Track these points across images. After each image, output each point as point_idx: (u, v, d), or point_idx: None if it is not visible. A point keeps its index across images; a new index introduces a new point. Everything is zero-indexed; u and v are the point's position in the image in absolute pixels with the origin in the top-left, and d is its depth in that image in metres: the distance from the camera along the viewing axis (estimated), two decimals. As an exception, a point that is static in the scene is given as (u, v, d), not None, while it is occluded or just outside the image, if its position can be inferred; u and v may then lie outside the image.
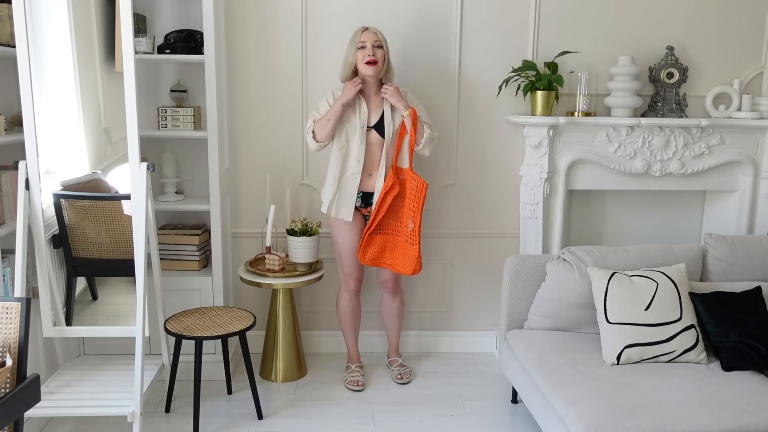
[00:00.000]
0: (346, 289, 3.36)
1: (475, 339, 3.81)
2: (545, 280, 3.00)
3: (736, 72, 3.59)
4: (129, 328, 2.79)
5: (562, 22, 3.49)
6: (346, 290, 3.36)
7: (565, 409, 2.37)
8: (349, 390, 3.33)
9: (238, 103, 3.53)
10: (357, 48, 3.05)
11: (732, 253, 3.04)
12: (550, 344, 2.84)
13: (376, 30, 3.09)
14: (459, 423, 3.03)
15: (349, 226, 3.22)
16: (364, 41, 3.04)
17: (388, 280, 3.35)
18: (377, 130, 3.13)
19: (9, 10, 2.61)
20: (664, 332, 2.68)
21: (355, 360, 3.48)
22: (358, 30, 3.09)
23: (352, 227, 3.23)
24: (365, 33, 3.06)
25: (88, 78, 2.97)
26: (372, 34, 3.06)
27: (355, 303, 3.40)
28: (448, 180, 3.62)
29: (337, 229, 3.26)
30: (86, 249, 2.86)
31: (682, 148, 3.47)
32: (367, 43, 3.04)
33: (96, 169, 2.98)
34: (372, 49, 3.03)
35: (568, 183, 3.50)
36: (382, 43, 3.07)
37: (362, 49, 3.04)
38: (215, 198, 3.24)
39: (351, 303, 3.38)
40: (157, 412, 3.07)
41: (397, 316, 3.46)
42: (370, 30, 3.08)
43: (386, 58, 3.10)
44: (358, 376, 3.38)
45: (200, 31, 3.15)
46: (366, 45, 3.04)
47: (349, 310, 3.39)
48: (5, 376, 1.81)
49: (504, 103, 3.55)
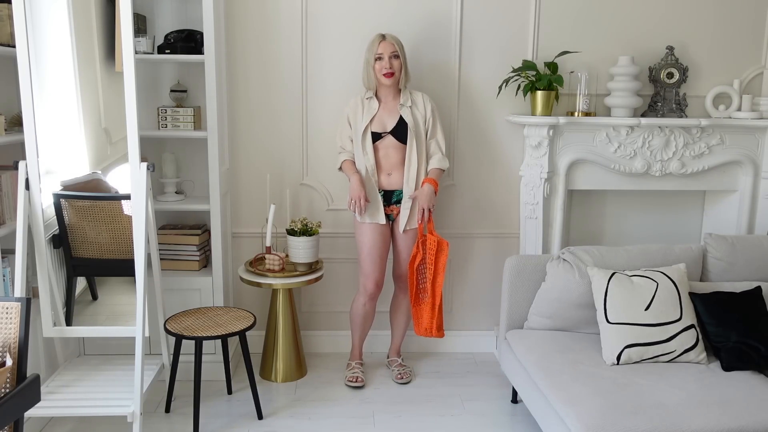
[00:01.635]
0: (364, 293, 3.32)
1: (475, 339, 3.81)
2: (545, 280, 3.00)
3: (736, 72, 3.59)
4: (129, 328, 2.79)
5: (562, 22, 3.50)
6: (364, 293, 3.32)
7: (565, 409, 2.37)
8: (349, 387, 3.34)
9: (238, 103, 3.53)
10: (375, 59, 3.11)
11: (732, 253, 3.04)
12: (550, 344, 2.84)
13: (392, 40, 3.12)
14: (459, 423, 3.03)
15: (375, 228, 3.23)
16: (381, 53, 3.10)
17: (401, 275, 3.37)
18: (394, 134, 3.16)
19: (9, 10, 2.61)
20: (664, 332, 2.68)
21: (357, 357, 3.50)
22: (376, 39, 3.13)
23: (377, 229, 3.23)
24: (382, 44, 3.11)
25: (88, 78, 2.97)
26: (389, 45, 3.11)
27: (370, 308, 3.37)
28: (448, 180, 3.62)
29: (362, 231, 3.25)
30: (86, 249, 2.86)
31: (682, 148, 3.48)
32: (384, 55, 3.09)
33: (96, 169, 2.98)
34: (389, 61, 3.10)
35: (568, 183, 3.50)
36: (399, 53, 3.12)
37: (380, 60, 3.10)
38: (215, 198, 3.24)
39: (365, 307, 3.35)
40: (157, 412, 3.07)
41: (405, 312, 3.46)
42: (387, 40, 3.12)
43: (403, 66, 3.15)
44: (358, 372, 3.40)
45: (200, 31, 3.15)
46: (383, 57, 3.09)
47: (363, 313, 3.37)
48: (5, 376, 1.81)
49: (504, 103, 3.55)
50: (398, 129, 3.17)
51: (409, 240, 3.28)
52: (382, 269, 3.30)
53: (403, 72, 3.16)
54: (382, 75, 3.11)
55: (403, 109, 3.17)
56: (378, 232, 3.23)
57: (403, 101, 3.19)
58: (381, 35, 3.13)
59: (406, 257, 3.30)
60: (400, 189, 3.22)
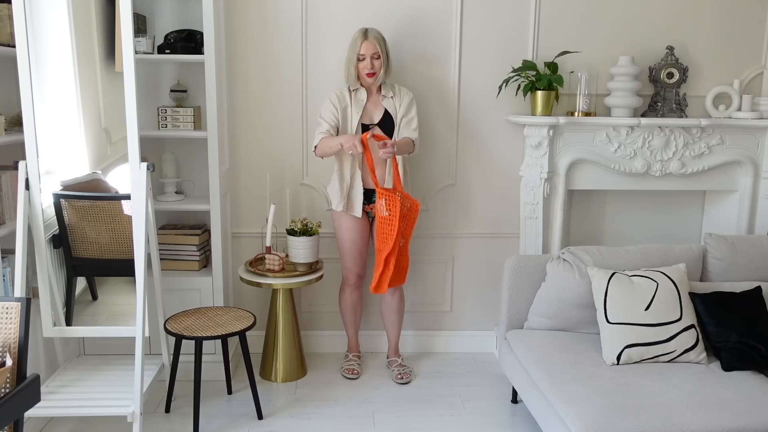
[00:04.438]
0: (347, 284, 3.44)
1: (475, 339, 3.81)
2: (545, 280, 3.00)
3: (736, 72, 3.59)
4: (129, 328, 2.79)
5: (562, 22, 3.49)
6: (347, 284, 3.44)
7: (565, 409, 2.37)
8: (345, 378, 3.42)
9: (238, 103, 3.53)
10: (357, 59, 3.13)
11: (732, 253, 3.04)
12: (550, 344, 2.84)
13: (374, 40, 3.13)
14: (459, 423, 3.03)
15: (354, 222, 3.28)
16: (363, 54, 3.12)
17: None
18: (381, 126, 3.20)
19: (9, 10, 2.61)
20: (664, 332, 2.68)
21: (354, 349, 3.57)
22: (358, 36, 3.13)
23: (356, 223, 3.29)
24: (364, 44, 3.11)
25: (88, 78, 2.96)
26: (371, 45, 3.11)
27: (356, 297, 3.47)
28: (448, 180, 3.62)
29: (340, 224, 3.32)
30: (86, 249, 2.86)
31: (682, 148, 3.47)
32: (366, 56, 3.12)
33: (96, 169, 2.98)
34: (371, 62, 3.12)
35: (568, 183, 3.50)
36: (380, 54, 3.13)
37: (362, 61, 3.13)
38: (215, 198, 3.24)
39: (352, 296, 3.46)
40: (157, 412, 3.07)
41: (396, 312, 3.47)
42: (368, 40, 3.12)
43: (384, 64, 3.16)
44: (354, 364, 3.48)
45: (200, 31, 3.15)
46: (365, 57, 3.12)
47: (350, 303, 3.47)
48: (5, 376, 1.81)
49: (504, 103, 3.55)
50: (384, 121, 3.21)
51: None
52: (362, 263, 3.40)
53: (383, 69, 3.16)
54: (365, 74, 3.14)
55: (385, 100, 3.22)
56: (357, 228, 3.29)
57: (385, 92, 3.23)
58: (363, 32, 3.14)
59: None
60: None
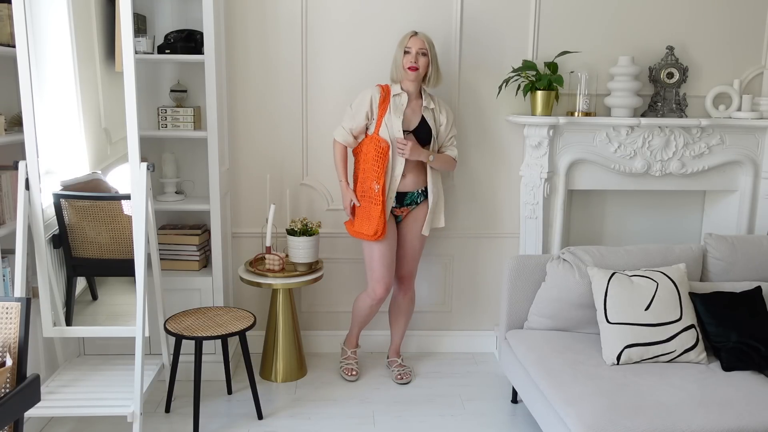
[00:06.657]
0: (371, 296, 3.28)
1: (475, 339, 3.81)
2: (545, 280, 3.00)
3: (736, 72, 3.59)
4: (129, 328, 2.79)
5: (562, 22, 3.50)
6: (370, 296, 3.28)
7: (565, 409, 2.37)
8: (343, 378, 3.40)
9: (238, 103, 3.53)
10: (404, 52, 3.11)
11: (732, 253, 3.04)
12: (550, 344, 2.84)
13: (424, 37, 3.12)
14: (459, 423, 3.03)
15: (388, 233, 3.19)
16: (409, 47, 3.10)
17: (404, 276, 3.38)
18: (416, 135, 3.15)
19: (9, 10, 2.61)
20: (664, 332, 2.68)
21: (353, 345, 3.50)
22: (407, 34, 3.14)
23: (389, 233, 3.20)
24: (413, 39, 3.11)
25: (88, 78, 2.96)
26: (419, 41, 3.11)
27: (376, 309, 3.36)
28: (448, 180, 3.62)
29: None
30: (86, 249, 2.86)
31: (682, 148, 3.48)
32: (412, 49, 3.10)
33: (96, 169, 2.98)
34: (416, 56, 3.10)
35: (568, 183, 3.50)
36: (428, 51, 3.11)
37: (407, 54, 3.10)
38: (215, 198, 3.24)
39: (372, 309, 3.33)
40: (157, 412, 3.07)
41: (405, 314, 3.46)
42: (418, 36, 3.12)
43: (431, 65, 3.13)
44: (352, 364, 3.44)
45: (200, 31, 3.15)
46: (411, 51, 3.10)
47: (368, 313, 3.36)
48: (5, 376, 1.81)
49: (504, 103, 3.55)
50: (420, 129, 3.16)
51: (416, 242, 3.30)
52: (392, 272, 3.28)
53: (433, 72, 3.15)
54: (407, 68, 3.09)
55: (426, 111, 3.18)
56: (390, 237, 3.21)
57: (426, 103, 3.18)
58: (413, 31, 3.15)
59: (410, 258, 3.33)
60: (413, 191, 3.21)
